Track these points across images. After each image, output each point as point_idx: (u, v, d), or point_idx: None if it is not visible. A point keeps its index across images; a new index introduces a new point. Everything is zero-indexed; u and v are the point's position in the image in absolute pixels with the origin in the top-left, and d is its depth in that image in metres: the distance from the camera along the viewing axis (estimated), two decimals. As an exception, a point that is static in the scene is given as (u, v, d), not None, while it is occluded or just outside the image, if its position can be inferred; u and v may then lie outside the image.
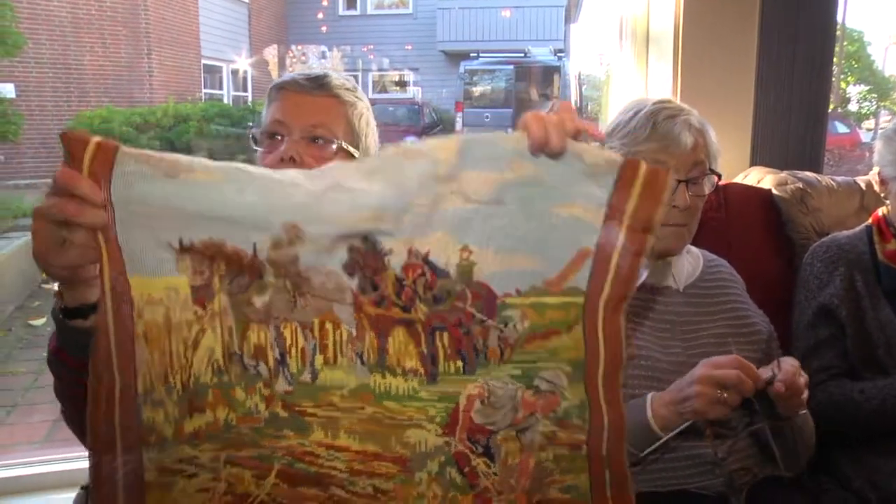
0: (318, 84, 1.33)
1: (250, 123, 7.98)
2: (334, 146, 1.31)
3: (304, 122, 1.30)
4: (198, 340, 0.87)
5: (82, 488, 1.43)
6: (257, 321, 0.87)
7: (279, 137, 1.30)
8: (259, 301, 0.86)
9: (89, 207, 0.80)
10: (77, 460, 2.15)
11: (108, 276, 0.83)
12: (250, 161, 1.34)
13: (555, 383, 0.88)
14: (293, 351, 0.87)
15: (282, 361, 0.87)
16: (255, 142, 1.34)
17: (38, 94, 10.43)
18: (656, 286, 1.52)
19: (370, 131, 1.40)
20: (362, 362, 0.87)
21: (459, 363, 0.87)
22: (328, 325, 0.87)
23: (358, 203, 0.83)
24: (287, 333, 0.87)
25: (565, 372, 0.87)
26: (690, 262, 1.57)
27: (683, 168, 1.43)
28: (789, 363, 1.26)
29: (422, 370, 0.87)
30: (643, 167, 0.83)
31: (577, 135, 0.84)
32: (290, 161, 1.27)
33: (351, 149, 1.33)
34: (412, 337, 0.87)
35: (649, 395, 1.32)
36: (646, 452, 1.29)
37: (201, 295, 0.86)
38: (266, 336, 0.87)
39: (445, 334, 0.87)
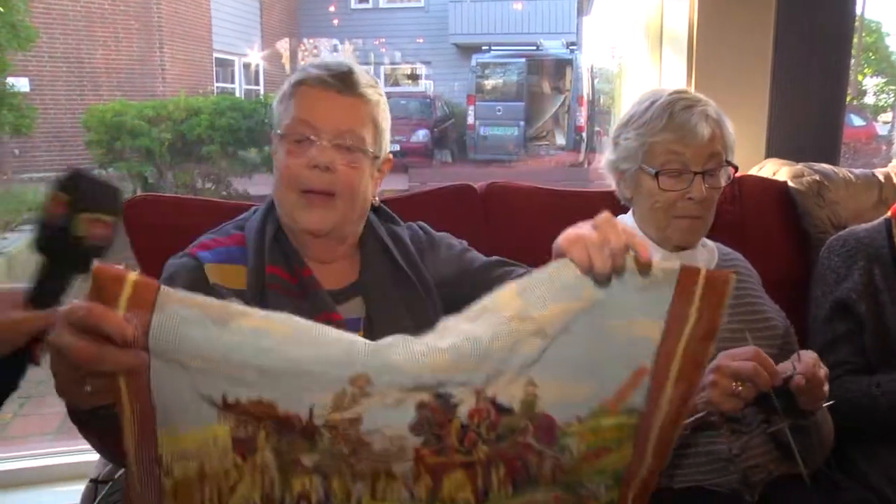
0: (345, 83, 1.27)
1: (265, 119, 7.96)
2: (364, 154, 1.27)
3: (334, 126, 1.25)
4: (235, 488, 0.79)
5: (91, 481, 1.42)
6: (303, 474, 0.80)
7: (303, 141, 1.26)
8: (308, 460, 0.79)
9: (113, 351, 0.70)
10: (87, 453, 2.15)
11: (132, 437, 0.75)
12: (267, 156, 1.31)
13: (593, 491, 0.87)
14: (339, 493, 0.81)
15: (326, 500, 0.81)
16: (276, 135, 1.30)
17: (51, 87, 10.46)
18: None
19: (388, 126, 1.37)
20: (412, 496, 0.82)
21: (510, 489, 0.84)
22: (382, 478, 0.81)
23: (433, 347, 0.77)
24: (336, 483, 0.80)
25: (607, 484, 0.87)
26: (705, 256, 1.55)
27: (699, 159, 1.42)
28: (808, 355, 1.24)
29: (472, 500, 0.83)
30: (703, 273, 0.79)
31: (624, 251, 0.79)
32: (326, 170, 1.23)
33: (379, 155, 1.31)
34: (469, 477, 0.83)
35: None
36: None
37: (243, 447, 0.78)
38: (312, 483, 0.80)
39: (502, 467, 0.83)
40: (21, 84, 9.52)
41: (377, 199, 1.41)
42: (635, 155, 1.47)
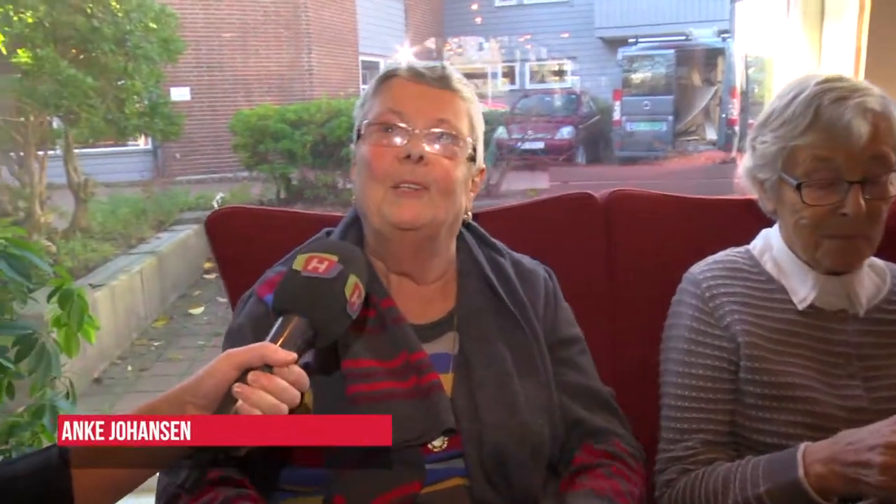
0: (440, 76, 1.17)
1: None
2: (460, 146, 1.15)
3: (429, 115, 1.14)
4: None
5: None
6: None
7: (392, 131, 1.13)
8: None
9: None
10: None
11: None
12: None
13: None
14: None
15: None
16: (359, 136, 1.18)
17: (209, 95, 11.22)
18: (826, 310, 1.22)
19: (482, 134, 1.23)
20: None
21: None
22: None
23: None
24: None
25: None
26: (874, 280, 1.27)
27: (856, 166, 1.14)
28: None
29: None
30: None
31: None
32: (419, 160, 1.10)
33: (475, 155, 1.19)
34: None
35: (802, 446, 1.05)
36: None
37: None
38: None
39: None
40: (182, 93, 10.24)
41: (469, 214, 1.26)
42: (774, 162, 1.21)
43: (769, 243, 1.31)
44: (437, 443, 1.08)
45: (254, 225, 1.54)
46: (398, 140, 1.12)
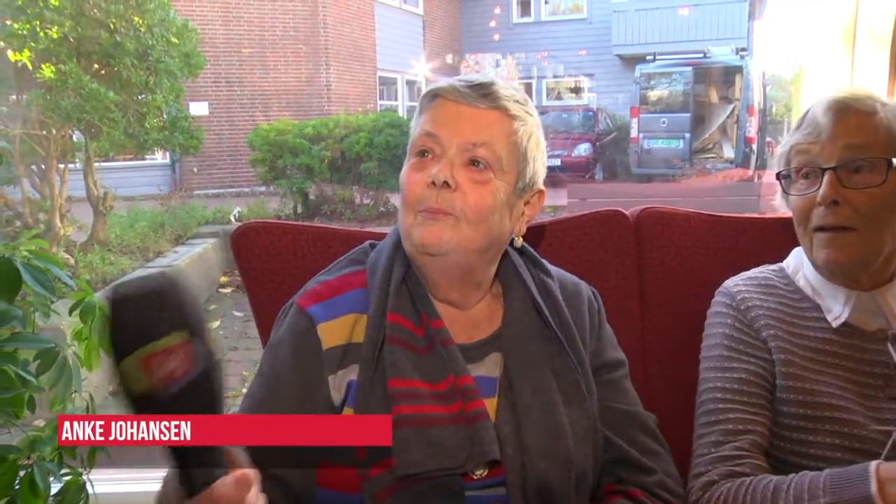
0: (483, 93, 1.08)
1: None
2: (497, 173, 1.08)
3: (463, 138, 1.06)
4: None
5: None
6: None
7: (429, 155, 1.08)
8: None
9: None
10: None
11: None
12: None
13: None
14: None
15: None
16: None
17: (227, 110, 11.29)
18: (864, 329, 1.18)
19: (539, 154, 1.15)
20: None
21: None
22: None
23: None
24: None
25: None
26: None
27: (832, 154, 1.16)
28: None
29: None
30: None
31: None
32: (444, 186, 1.04)
33: (524, 182, 1.12)
34: None
35: (874, 463, 1.00)
36: None
37: None
38: None
39: None
40: (200, 108, 10.32)
41: (521, 239, 1.19)
42: (779, 167, 1.25)
43: (802, 261, 1.28)
44: (478, 471, 1.03)
45: (280, 240, 1.50)
46: (431, 165, 1.07)
